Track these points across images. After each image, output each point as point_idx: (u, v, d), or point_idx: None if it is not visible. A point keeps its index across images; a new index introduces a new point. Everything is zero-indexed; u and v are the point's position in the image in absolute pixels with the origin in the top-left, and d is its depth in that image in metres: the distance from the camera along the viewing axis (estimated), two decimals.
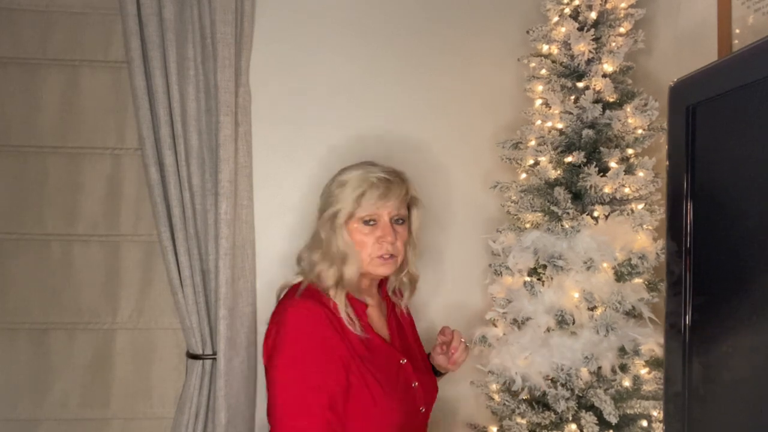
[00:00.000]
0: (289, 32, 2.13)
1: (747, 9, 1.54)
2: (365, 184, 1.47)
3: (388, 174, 1.51)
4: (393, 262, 1.52)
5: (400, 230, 1.53)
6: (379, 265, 1.50)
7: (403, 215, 1.54)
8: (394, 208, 1.50)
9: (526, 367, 1.69)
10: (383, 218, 1.50)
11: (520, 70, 1.97)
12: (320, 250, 1.51)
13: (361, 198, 1.46)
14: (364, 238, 1.48)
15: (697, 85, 0.84)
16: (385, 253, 1.49)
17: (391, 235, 1.49)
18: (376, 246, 1.49)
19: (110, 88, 2.08)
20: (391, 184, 1.49)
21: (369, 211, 1.48)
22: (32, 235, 2.07)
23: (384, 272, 1.52)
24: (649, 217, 1.67)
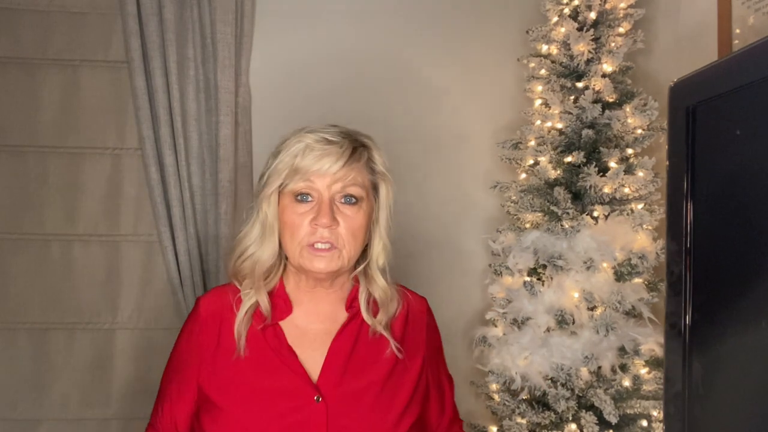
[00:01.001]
0: (289, 32, 2.13)
1: (747, 9, 1.54)
2: (299, 147, 1.08)
3: (332, 134, 1.10)
4: (331, 254, 1.07)
5: (348, 212, 1.08)
6: (310, 256, 1.07)
7: (356, 193, 1.09)
8: (338, 179, 1.07)
9: (526, 367, 1.70)
10: (322, 194, 1.07)
11: (520, 70, 1.98)
12: None
13: (292, 164, 1.08)
14: (295, 219, 1.08)
15: (697, 85, 0.84)
16: (319, 239, 1.06)
17: (328, 216, 1.05)
18: (309, 229, 1.07)
19: (110, 88, 2.08)
20: (333, 146, 1.07)
21: (302, 181, 1.07)
22: (32, 235, 2.06)
23: (319, 267, 1.07)
24: (649, 217, 1.67)
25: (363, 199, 1.10)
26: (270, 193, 1.09)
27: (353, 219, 1.09)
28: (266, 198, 1.10)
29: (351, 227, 1.08)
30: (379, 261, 1.15)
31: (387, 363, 1.13)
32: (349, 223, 1.08)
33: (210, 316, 1.14)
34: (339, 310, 1.15)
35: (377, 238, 1.15)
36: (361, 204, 1.10)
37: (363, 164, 1.11)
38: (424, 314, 1.23)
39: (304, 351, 1.11)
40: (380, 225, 1.15)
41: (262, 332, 1.11)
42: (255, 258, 1.11)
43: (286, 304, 1.14)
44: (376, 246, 1.15)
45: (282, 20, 2.12)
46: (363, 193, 1.10)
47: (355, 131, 1.15)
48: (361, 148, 1.12)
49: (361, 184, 1.10)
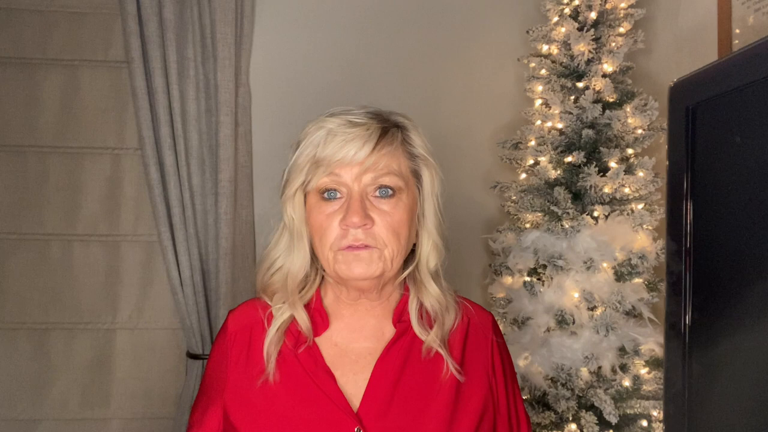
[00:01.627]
0: (289, 32, 2.13)
1: (747, 9, 1.54)
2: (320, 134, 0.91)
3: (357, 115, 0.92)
4: (370, 255, 0.89)
5: (385, 207, 0.90)
6: (345, 260, 0.90)
7: (392, 183, 0.91)
8: (368, 169, 0.89)
9: (526, 367, 1.70)
10: (350, 188, 0.90)
11: (520, 70, 1.98)
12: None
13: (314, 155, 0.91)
14: (322, 220, 0.91)
15: (697, 85, 0.84)
16: (352, 243, 0.88)
17: (358, 214, 0.87)
18: (339, 231, 0.90)
19: (110, 88, 2.08)
20: (358, 128, 0.90)
21: (325, 175, 0.90)
22: (32, 235, 2.07)
23: (357, 272, 0.89)
24: (649, 217, 1.67)
25: (402, 189, 0.92)
26: (293, 193, 0.94)
27: (391, 214, 0.90)
28: (289, 199, 0.94)
29: (390, 224, 0.90)
30: (429, 263, 0.98)
31: (444, 389, 0.93)
32: (387, 220, 0.90)
33: (239, 332, 0.98)
34: (386, 325, 0.97)
35: (425, 236, 0.97)
36: (400, 196, 0.91)
37: (398, 148, 0.93)
38: (490, 331, 1.03)
39: (345, 374, 0.93)
40: (427, 219, 0.97)
41: (295, 352, 0.94)
42: (285, 270, 0.96)
43: (323, 318, 0.97)
44: (425, 245, 0.97)
45: (282, 20, 2.12)
46: (401, 183, 0.91)
47: (387, 111, 0.97)
48: (393, 128, 0.93)
49: (397, 171, 0.91)
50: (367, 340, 0.97)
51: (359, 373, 0.93)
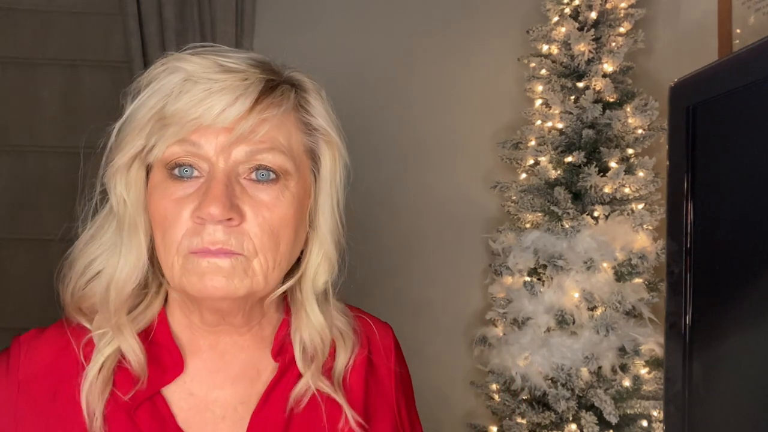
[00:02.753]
0: (289, 32, 2.13)
1: (747, 9, 1.54)
2: (173, 79, 0.61)
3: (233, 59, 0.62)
4: (233, 268, 0.60)
5: (264, 196, 0.62)
6: (197, 270, 0.60)
7: (275, 163, 0.62)
8: (242, 138, 0.60)
9: (526, 367, 1.69)
10: (213, 163, 0.60)
11: (520, 70, 1.98)
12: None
13: (161, 109, 0.61)
14: (168, 207, 0.61)
15: (697, 85, 0.84)
16: (208, 243, 0.59)
17: (219, 203, 0.58)
18: (192, 226, 0.60)
19: (110, 88, 2.08)
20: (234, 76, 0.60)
21: (177, 142, 0.60)
22: (32, 235, 2.07)
23: (212, 291, 0.60)
24: (649, 217, 1.67)
25: (289, 174, 0.63)
26: (127, 163, 0.63)
27: (271, 208, 0.61)
28: (121, 172, 0.64)
29: (267, 222, 0.61)
30: (317, 280, 0.69)
31: None
32: (264, 216, 0.60)
33: (37, 377, 0.63)
34: (262, 360, 0.69)
35: (316, 242, 0.68)
36: (286, 183, 0.63)
37: (289, 113, 0.64)
38: (392, 350, 0.78)
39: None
40: (321, 219, 0.68)
41: (130, 408, 0.62)
42: (106, 276, 0.64)
43: (173, 355, 0.65)
44: (314, 254, 0.68)
45: (282, 20, 2.12)
46: (289, 164, 0.62)
47: (280, 63, 0.70)
48: (285, 85, 0.65)
49: (285, 147, 0.62)
50: (237, 384, 0.67)
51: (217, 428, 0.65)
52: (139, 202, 0.63)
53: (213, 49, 0.63)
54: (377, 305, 2.42)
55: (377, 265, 2.16)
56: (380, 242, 2.16)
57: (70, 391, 0.62)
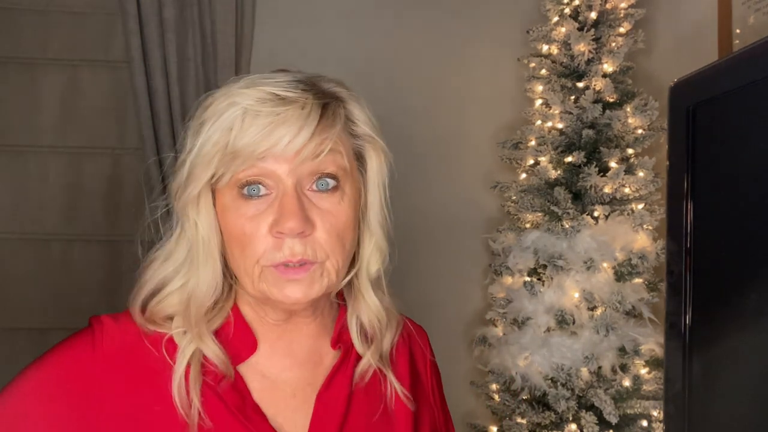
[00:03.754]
0: (289, 32, 2.13)
1: (747, 9, 1.54)
2: (233, 113, 0.66)
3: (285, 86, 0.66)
4: (311, 275, 0.67)
5: (327, 204, 0.68)
6: (278, 282, 0.66)
7: (336, 172, 0.68)
8: (306, 158, 0.65)
9: (526, 367, 1.70)
10: (282, 181, 0.66)
11: (520, 70, 1.98)
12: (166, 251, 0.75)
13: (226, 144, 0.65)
14: (244, 225, 0.66)
15: (697, 85, 0.84)
16: (288, 257, 0.65)
17: (297, 218, 0.64)
18: (270, 241, 0.66)
19: (110, 88, 2.08)
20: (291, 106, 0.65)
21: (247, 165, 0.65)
22: (32, 235, 2.07)
23: (295, 297, 0.67)
24: (649, 217, 1.67)
25: (346, 178, 0.69)
26: (198, 193, 0.68)
27: (336, 214, 0.67)
28: (192, 202, 0.69)
29: (334, 228, 0.67)
30: (370, 268, 0.75)
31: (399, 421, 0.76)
32: (331, 223, 0.67)
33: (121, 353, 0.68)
34: (324, 346, 0.76)
35: (367, 235, 0.74)
36: (343, 188, 0.68)
37: (340, 126, 0.69)
38: (428, 349, 0.87)
39: (279, 412, 0.71)
40: (371, 214, 0.74)
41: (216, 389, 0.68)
42: (186, 293, 0.71)
43: (248, 339, 0.73)
44: (367, 246, 0.74)
45: (282, 20, 2.12)
46: (345, 170, 0.68)
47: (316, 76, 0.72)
48: (334, 102, 0.70)
49: (340, 156, 0.68)
50: (303, 367, 0.74)
51: (298, 411, 0.72)
52: (211, 224, 0.69)
53: (263, 77, 0.68)
54: None
55: None
56: None
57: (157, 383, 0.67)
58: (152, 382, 0.67)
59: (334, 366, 0.74)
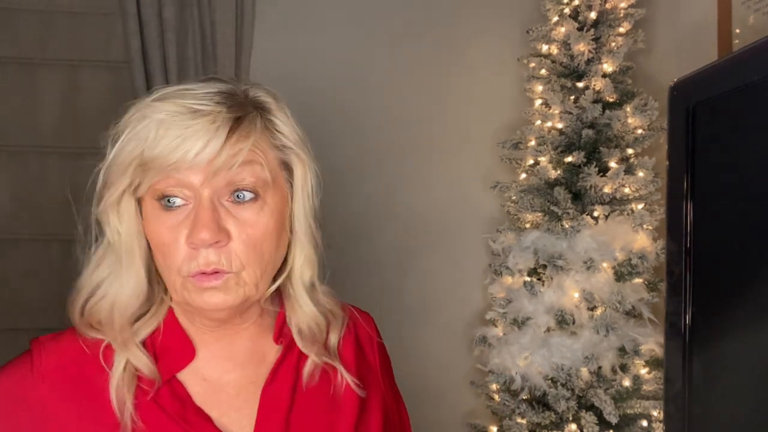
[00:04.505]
0: (289, 32, 2.13)
1: (747, 9, 1.54)
2: (147, 125, 0.67)
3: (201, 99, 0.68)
4: (225, 284, 0.68)
5: (245, 215, 0.69)
6: (197, 291, 0.68)
7: (252, 185, 0.68)
8: (220, 169, 0.66)
9: (526, 367, 1.70)
10: (198, 191, 0.67)
11: (520, 70, 1.98)
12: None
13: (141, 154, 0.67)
14: (164, 235, 0.68)
15: (697, 85, 0.84)
16: (203, 267, 0.67)
17: (209, 229, 0.66)
18: (187, 251, 0.67)
19: (110, 88, 2.08)
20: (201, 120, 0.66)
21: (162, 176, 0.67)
22: (32, 235, 2.06)
23: (213, 305, 0.69)
24: (649, 217, 1.67)
25: (267, 189, 0.70)
26: (116, 199, 0.70)
27: (253, 225, 0.68)
28: (111, 209, 0.70)
29: (251, 239, 0.68)
30: (303, 276, 0.76)
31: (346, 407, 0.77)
32: (247, 233, 0.68)
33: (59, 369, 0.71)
34: (266, 345, 0.77)
35: (298, 246, 0.75)
36: (264, 199, 0.69)
37: (260, 136, 0.70)
38: (375, 333, 0.88)
39: (224, 413, 0.73)
40: (296, 224, 0.74)
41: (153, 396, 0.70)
42: (110, 300, 0.71)
43: (185, 345, 0.74)
44: (298, 257, 0.75)
45: (282, 20, 2.12)
46: (265, 182, 0.69)
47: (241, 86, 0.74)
48: (252, 113, 0.70)
49: (260, 167, 0.69)
50: (245, 367, 0.76)
51: (242, 409, 0.73)
52: (133, 231, 0.71)
53: (179, 89, 0.69)
54: (377, 305, 2.40)
55: (377, 265, 2.16)
56: (381, 242, 2.16)
57: (94, 391, 0.69)
58: (93, 390, 0.69)
59: (277, 360, 0.76)
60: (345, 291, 0.88)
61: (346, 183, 2.14)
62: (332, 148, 2.13)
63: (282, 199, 0.72)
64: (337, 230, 2.11)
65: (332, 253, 0.78)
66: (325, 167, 0.79)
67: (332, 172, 1.65)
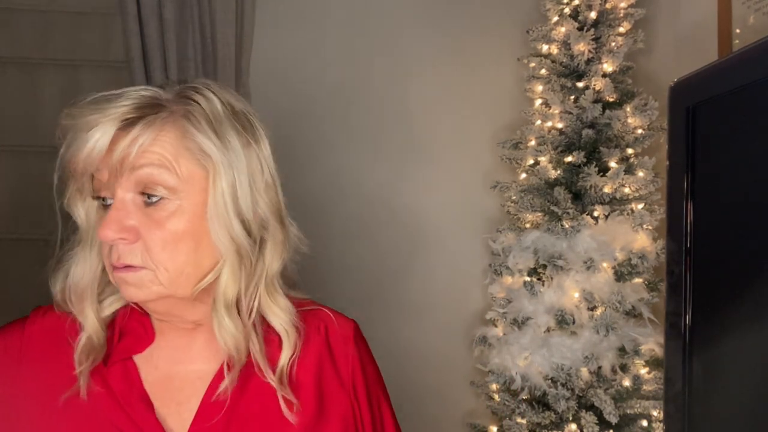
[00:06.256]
0: (289, 32, 2.13)
1: (747, 9, 1.54)
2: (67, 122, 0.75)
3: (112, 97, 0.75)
4: (139, 277, 0.71)
5: (156, 214, 0.71)
6: (117, 283, 0.73)
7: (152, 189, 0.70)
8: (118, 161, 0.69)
9: (526, 367, 1.70)
10: (116, 192, 0.71)
11: (520, 70, 1.98)
12: None
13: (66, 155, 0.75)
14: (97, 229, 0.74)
15: (697, 85, 0.84)
16: (114, 260, 0.71)
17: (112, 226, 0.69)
18: (106, 246, 0.73)
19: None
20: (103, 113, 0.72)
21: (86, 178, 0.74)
22: (32, 235, 2.06)
23: (129, 297, 0.73)
24: (649, 217, 1.67)
25: (177, 191, 0.70)
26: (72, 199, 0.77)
27: (161, 226, 0.70)
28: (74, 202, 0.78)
29: (161, 238, 0.70)
30: (226, 291, 0.74)
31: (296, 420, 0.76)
32: (156, 233, 0.70)
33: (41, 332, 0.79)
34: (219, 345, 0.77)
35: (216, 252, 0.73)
36: (173, 200, 0.71)
37: (172, 137, 0.70)
38: (351, 339, 0.85)
39: (165, 404, 0.75)
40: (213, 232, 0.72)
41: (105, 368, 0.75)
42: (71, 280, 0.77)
43: (146, 329, 0.78)
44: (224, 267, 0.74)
45: (282, 20, 2.12)
46: (174, 187, 0.70)
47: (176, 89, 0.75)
48: (163, 114, 0.71)
49: (169, 172, 0.70)
50: (197, 361, 0.78)
51: (184, 404, 0.75)
52: (90, 225, 0.76)
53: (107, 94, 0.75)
54: (377, 305, 2.42)
55: (377, 265, 2.16)
56: (380, 242, 2.16)
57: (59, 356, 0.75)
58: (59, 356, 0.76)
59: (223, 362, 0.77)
60: (345, 291, 0.88)
61: (345, 183, 2.14)
62: (332, 147, 2.13)
63: (203, 201, 0.72)
64: (336, 230, 2.12)
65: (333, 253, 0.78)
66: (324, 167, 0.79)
67: (331, 171, 1.66)
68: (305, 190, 2.07)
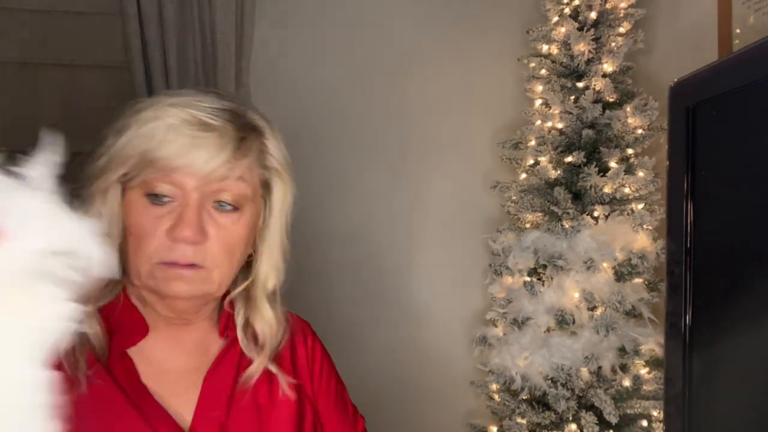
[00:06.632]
0: (290, 32, 2.13)
1: (747, 9, 1.54)
2: (157, 126, 0.73)
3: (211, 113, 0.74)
4: (197, 275, 0.75)
5: (223, 221, 0.76)
6: (165, 277, 0.74)
7: (235, 200, 0.77)
8: (213, 180, 0.74)
9: (526, 367, 1.70)
10: (188, 195, 0.74)
11: (520, 70, 1.98)
12: None
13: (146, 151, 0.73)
14: (145, 223, 0.74)
15: (697, 85, 0.84)
16: (179, 258, 0.74)
17: (193, 228, 0.73)
18: (165, 242, 0.73)
19: (110, 88, 2.08)
20: (212, 133, 0.73)
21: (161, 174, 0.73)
22: None
23: (178, 290, 0.75)
24: (649, 217, 1.67)
25: (246, 204, 0.78)
26: (107, 187, 0.75)
27: (229, 231, 0.76)
28: (100, 194, 0.75)
29: (226, 242, 0.76)
30: (267, 283, 0.83)
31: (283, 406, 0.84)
32: (224, 237, 0.76)
33: None
34: (211, 339, 0.84)
35: (266, 254, 0.83)
36: (242, 211, 0.77)
37: (253, 159, 0.78)
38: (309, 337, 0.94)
39: (165, 397, 0.78)
40: (270, 237, 0.82)
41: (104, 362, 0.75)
42: None
43: (139, 323, 0.80)
44: (264, 264, 0.83)
45: (282, 20, 2.12)
46: (247, 197, 0.78)
47: (241, 108, 0.79)
48: (252, 135, 0.78)
49: (246, 183, 0.77)
50: (190, 356, 0.82)
51: (183, 395, 0.79)
52: (113, 216, 0.75)
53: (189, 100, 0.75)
54: (377, 305, 2.42)
55: (377, 265, 2.16)
56: (380, 242, 2.16)
57: None
58: None
59: (221, 351, 0.83)
60: (345, 291, 0.90)
61: (345, 182, 2.14)
62: (332, 147, 2.13)
63: (256, 212, 0.81)
64: (336, 230, 2.12)
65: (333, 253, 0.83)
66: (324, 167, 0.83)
67: (332, 171, 1.66)
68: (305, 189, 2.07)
